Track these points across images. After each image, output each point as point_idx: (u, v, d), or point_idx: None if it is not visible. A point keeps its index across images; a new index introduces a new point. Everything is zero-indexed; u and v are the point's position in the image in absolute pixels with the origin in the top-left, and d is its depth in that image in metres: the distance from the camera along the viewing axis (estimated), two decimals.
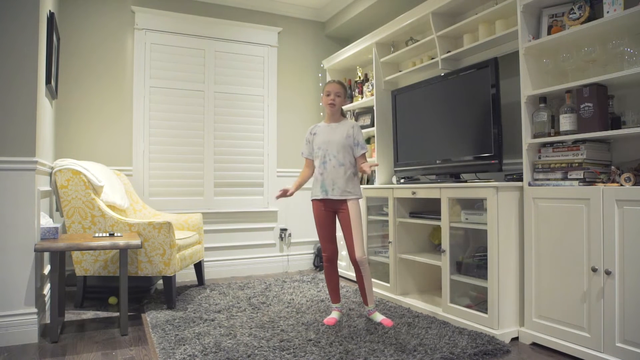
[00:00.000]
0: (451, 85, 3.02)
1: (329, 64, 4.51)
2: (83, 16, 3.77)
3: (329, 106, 2.73)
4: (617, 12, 2.03)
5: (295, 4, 4.52)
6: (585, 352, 2.09)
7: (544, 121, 2.40)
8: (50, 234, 2.52)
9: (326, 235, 2.71)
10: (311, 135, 2.80)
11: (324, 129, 2.76)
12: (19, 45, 2.40)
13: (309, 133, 2.82)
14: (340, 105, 2.75)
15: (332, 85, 2.75)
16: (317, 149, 2.73)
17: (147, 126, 3.97)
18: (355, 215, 2.62)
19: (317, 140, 2.75)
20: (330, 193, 2.65)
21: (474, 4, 3.07)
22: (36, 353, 2.24)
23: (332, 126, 2.75)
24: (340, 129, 2.73)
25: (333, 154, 2.67)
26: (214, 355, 2.15)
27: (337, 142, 2.69)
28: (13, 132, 2.38)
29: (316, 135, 2.77)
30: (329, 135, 2.72)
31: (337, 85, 2.75)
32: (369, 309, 2.69)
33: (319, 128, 2.79)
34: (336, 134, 2.71)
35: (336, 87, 2.74)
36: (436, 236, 3.26)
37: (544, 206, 2.33)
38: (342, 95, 2.76)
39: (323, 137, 2.73)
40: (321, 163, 2.70)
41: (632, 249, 1.94)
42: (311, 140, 2.79)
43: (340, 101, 2.75)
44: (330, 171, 2.66)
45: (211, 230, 4.15)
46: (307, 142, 2.82)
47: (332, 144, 2.69)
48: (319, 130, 2.78)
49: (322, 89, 2.86)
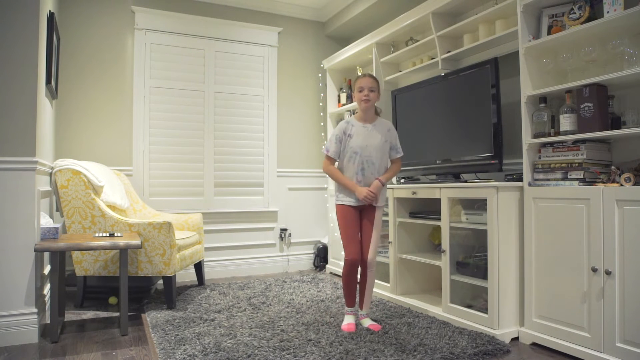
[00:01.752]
0: (451, 85, 3.02)
1: (329, 64, 4.51)
2: (83, 16, 3.77)
3: (364, 102, 2.53)
4: (617, 12, 2.03)
5: (295, 4, 4.52)
6: (585, 352, 2.09)
7: (544, 121, 2.40)
8: (50, 234, 2.52)
9: (354, 237, 2.55)
10: (345, 136, 2.57)
11: (360, 131, 2.56)
12: (19, 45, 2.40)
13: (342, 132, 2.58)
14: (375, 100, 2.57)
15: (365, 79, 2.56)
16: (353, 152, 2.54)
17: (147, 126, 3.97)
18: (379, 220, 2.59)
19: (353, 144, 2.54)
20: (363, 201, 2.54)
21: (474, 4, 3.07)
22: (36, 353, 2.24)
23: (368, 128, 2.56)
24: (377, 131, 2.57)
25: (372, 161, 2.53)
26: (214, 355, 2.15)
27: (377, 148, 2.54)
28: (13, 132, 2.38)
29: (351, 138, 2.55)
30: (367, 139, 2.54)
31: (370, 79, 2.55)
32: (362, 313, 2.64)
33: (354, 128, 2.57)
34: (374, 138, 2.55)
35: (369, 82, 2.54)
36: (436, 236, 3.26)
37: (544, 206, 2.33)
38: (377, 90, 2.56)
39: (360, 141, 2.54)
40: (359, 169, 2.53)
41: (632, 249, 1.94)
42: (344, 141, 2.57)
43: (375, 96, 2.56)
44: (369, 178, 2.54)
45: (211, 230, 4.15)
46: (338, 141, 2.58)
47: (371, 150, 2.53)
48: (354, 131, 2.56)
49: (353, 84, 2.65)
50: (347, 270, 2.56)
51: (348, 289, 2.61)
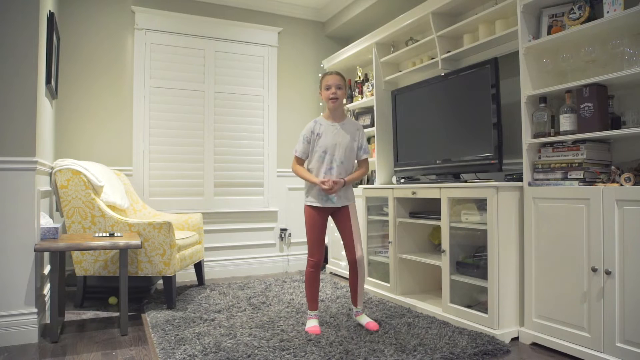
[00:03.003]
0: (451, 85, 3.02)
1: (329, 64, 4.51)
2: (83, 16, 3.77)
3: (331, 101, 2.51)
4: (617, 12, 2.03)
5: (295, 4, 4.52)
6: (585, 352, 2.09)
7: (544, 121, 2.40)
8: (50, 234, 2.52)
9: (320, 239, 2.54)
10: (313, 135, 2.54)
11: (329, 130, 2.53)
12: (19, 45, 2.40)
13: (310, 131, 2.55)
14: (342, 98, 2.54)
15: (331, 77, 2.52)
16: (322, 152, 2.51)
17: (147, 126, 3.97)
18: (355, 217, 2.59)
19: (322, 143, 2.52)
20: (334, 201, 2.52)
21: (474, 4, 3.07)
22: (36, 353, 2.24)
23: (336, 127, 2.55)
24: (345, 130, 2.55)
25: (340, 160, 2.51)
26: (214, 355, 2.15)
27: (345, 147, 2.52)
28: (13, 132, 2.38)
29: (320, 137, 2.53)
30: (336, 138, 2.52)
31: (336, 77, 2.52)
32: (357, 310, 2.64)
33: (323, 127, 2.54)
34: (343, 137, 2.53)
35: (336, 79, 2.51)
36: (436, 236, 3.26)
37: (544, 206, 2.33)
38: (344, 87, 2.53)
39: (329, 140, 2.51)
40: (327, 169, 2.51)
41: (632, 249, 1.94)
42: (312, 140, 2.55)
43: (342, 94, 2.53)
44: (336, 178, 2.50)
45: (211, 230, 4.14)
46: (306, 141, 2.55)
47: (339, 149, 2.51)
48: (322, 130, 2.54)
49: (319, 81, 2.62)
50: (310, 274, 2.55)
51: (312, 293, 2.57)
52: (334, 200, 2.53)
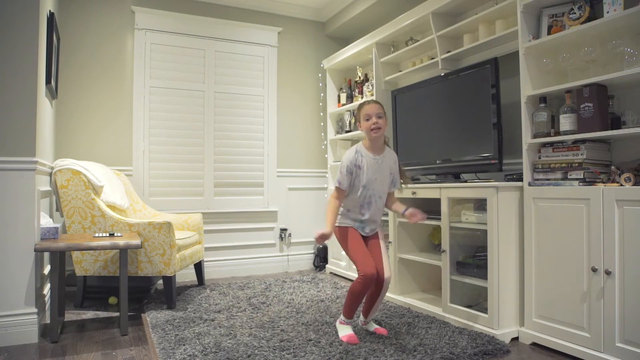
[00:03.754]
0: (451, 85, 3.02)
1: (329, 64, 4.51)
2: (83, 16, 3.77)
3: (373, 132, 2.35)
4: (617, 12, 2.03)
5: (295, 4, 4.52)
6: (585, 352, 2.09)
7: (544, 121, 2.40)
8: (50, 234, 2.52)
9: (367, 251, 2.38)
10: (356, 168, 2.39)
11: (371, 163, 2.39)
12: (19, 45, 2.40)
13: (354, 164, 2.38)
14: (384, 127, 2.38)
15: (371, 106, 2.37)
16: (362, 186, 2.38)
17: (147, 126, 3.97)
18: (382, 234, 2.53)
19: (364, 177, 2.38)
20: (368, 232, 2.47)
21: (474, 4, 3.07)
22: (36, 353, 2.24)
23: (378, 160, 2.41)
24: (385, 163, 2.43)
25: (379, 195, 2.42)
26: (214, 355, 2.15)
27: (385, 182, 2.42)
28: (13, 132, 2.38)
29: (361, 170, 2.38)
30: (377, 173, 2.40)
31: (375, 105, 2.38)
32: (366, 320, 2.54)
33: (365, 160, 2.39)
34: (384, 172, 2.42)
35: (376, 108, 2.37)
36: (436, 236, 3.26)
37: (544, 206, 2.33)
38: (384, 115, 2.39)
39: (371, 175, 2.39)
40: (365, 203, 2.40)
41: (632, 249, 1.94)
42: (354, 173, 2.39)
43: (384, 123, 2.37)
44: (374, 213, 2.43)
45: (211, 230, 4.15)
46: (349, 173, 2.38)
47: (380, 184, 2.41)
48: (365, 163, 2.39)
49: (357, 111, 2.47)
50: (363, 287, 2.31)
51: (356, 303, 2.39)
52: (366, 232, 2.47)
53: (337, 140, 4.47)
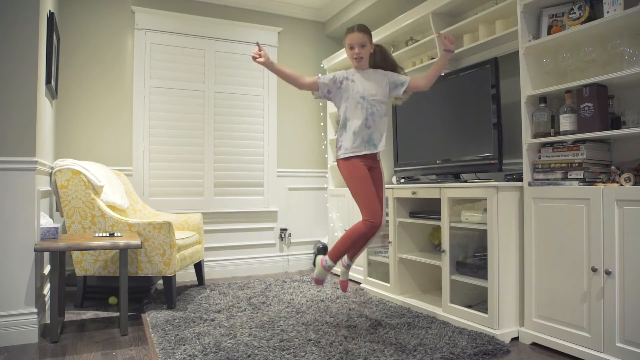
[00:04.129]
0: (451, 85, 3.02)
1: (329, 63, 4.51)
2: (83, 16, 3.77)
3: (356, 60, 2.43)
4: (617, 12, 2.03)
5: (295, 4, 4.52)
6: (585, 352, 2.09)
7: (544, 121, 2.40)
8: (50, 234, 2.52)
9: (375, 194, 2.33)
10: (347, 80, 2.43)
11: (361, 77, 2.44)
12: (19, 45, 2.40)
13: (345, 77, 2.43)
14: (367, 54, 2.43)
15: (354, 35, 2.39)
16: (360, 97, 2.38)
17: (147, 126, 3.97)
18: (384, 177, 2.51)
19: (359, 88, 2.40)
20: (379, 146, 2.43)
21: (474, 4, 3.08)
22: (36, 353, 2.24)
23: (367, 73, 2.45)
24: (375, 75, 2.47)
25: (378, 105, 2.41)
26: (214, 355, 2.15)
27: (380, 91, 2.43)
28: (13, 132, 2.38)
29: (354, 83, 2.41)
30: (370, 83, 2.42)
31: (357, 35, 2.39)
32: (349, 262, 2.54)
33: (356, 76, 2.44)
34: (376, 82, 2.44)
35: (357, 37, 2.39)
36: (436, 236, 3.26)
37: (544, 206, 2.33)
38: (368, 43, 2.41)
39: (364, 85, 2.41)
40: (368, 114, 2.38)
41: (632, 249, 1.94)
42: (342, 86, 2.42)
43: (367, 51, 2.42)
44: (378, 123, 2.41)
45: (211, 230, 4.14)
46: (334, 81, 2.43)
47: (375, 93, 2.41)
48: (356, 78, 2.43)
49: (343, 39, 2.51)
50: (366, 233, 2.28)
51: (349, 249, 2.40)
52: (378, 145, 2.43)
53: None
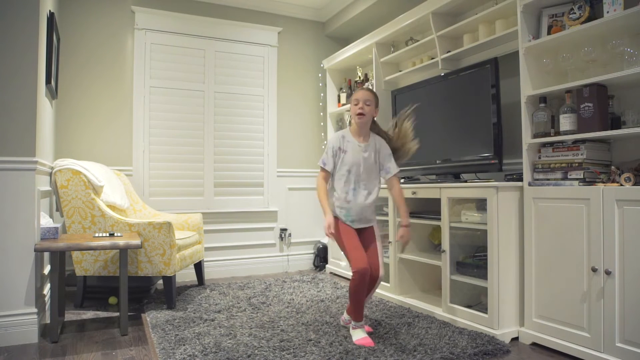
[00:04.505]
0: (451, 85, 3.02)
1: (329, 64, 4.51)
2: (83, 16, 3.77)
3: (357, 117, 2.39)
4: (617, 12, 2.03)
5: (295, 4, 4.52)
6: (585, 352, 2.09)
7: (544, 121, 2.40)
8: (50, 234, 2.52)
9: (359, 245, 2.37)
10: (340, 152, 2.43)
11: (355, 148, 2.42)
12: (19, 45, 2.40)
13: (338, 147, 2.43)
14: (370, 115, 2.42)
15: (361, 92, 2.43)
16: (346, 170, 2.40)
17: (147, 126, 3.97)
18: (379, 237, 2.49)
19: (347, 160, 2.40)
20: (356, 224, 2.44)
21: (474, 4, 3.08)
22: (36, 353, 2.24)
23: (362, 147, 2.43)
24: (371, 149, 2.44)
25: (364, 183, 2.41)
26: (214, 355, 2.15)
27: (370, 168, 2.41)
28: (13, 132, 2.38)
29: (346, 154, 2.41)
30: (361, 159, 2.40)
31: (366, 92, 2.42)
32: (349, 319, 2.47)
33: (349, 144, 2.43)
34: (368, 157, 2.42)
35: (365, 94, 2.41)
36: (436, 236, 3.26)
37: (544, 206, 2.33)
38: (372, 104, 2.42)
39: (355, 158, 2.40)
40: (350, 189, 2.40)
41: (632, 249, 1.94)
42: (338, 156, 2.43)
43: (371, 110, 2.41)
44: (359, 202, 2.41)
45: (211, 230, 4.15)
46: (333, 155, 2.43)
47: (364, 169, 2.40)
48: (349, 147, 2.42)
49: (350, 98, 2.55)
50: (358, 282, 2.28)
51: (359, 303, 2.34)
52: (355, 224, 2.45)
53: None
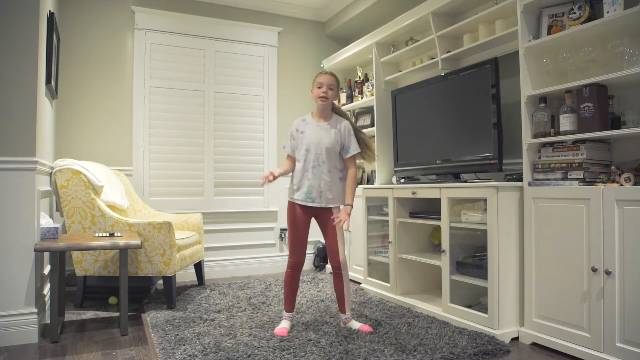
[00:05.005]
0: (451, 85, 3.02)
1: (329, 64, 4.51)
2: (83, 16, 3.77)
3: (320, 99, 2.48)
4: (617, 12, 2.03)
5: (295, 4, 4.52)
6: (585, 352, 2.09)
7: (544, 121, 2.40)
8: (50, 234, 2.52)
9: (301, 241, 2.51)
10: (297, 133, 2.54)
11: (314, 128, 2.51)
12: (19, 45, 2.40)
13: (295, 129, 2.55)
14: (332, 99, 2.51)
15: (325, 76, 2.49)
16: (305, 150, 2.48)
17: (147, 126, 3.97)
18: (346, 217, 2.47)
19: (306, 140, 2.49)
20: (316, 201, 2.47)
21: (474, 4, 3.08)
22: (36, 353, 2.24)
23: (322, 126, 2.51)
24: (330, 129, 2.50)
25: (323, 159, 2.46)
26: (214, 355, 2.15)
27: (329, 146, 2.47)
28: (13, 132, 2.38)
29: (304, 135, 2.51)
30: (320, 137, 2.48)
31: (330, 77, 2.50)
32: (346, 316, 2.56)
33: (308, 126, 2.53)
34: (327, 136, 2.48)
35: (329, 79, 2.49)
36: (436, 236, 3.26)
37: (544, 206, 2.33)
38: (335, 88, 2.51)
39: (312, 138, 2.49)
40: (310, 167, 2.47)
41: (632, 249, 1.94)
42: (297, 138, 2.54)
43: (333, 94, 2.50)
44: (318, 178, 2.46)
45: (211, 230, 4.15)
46: (292, 138, 2.56)
47: (322, 148, 2.46)
48: (307, 128, 2.52)
49: (313, 80, 2.59)
50: (289, 275, 2.52)
51: (289, 294, 2.54)
52: (315, 200, 2.48)
53: None
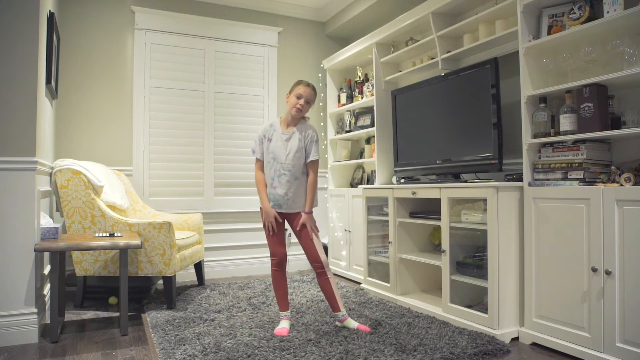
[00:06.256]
0: (451, 85, 3.02)
1: (329, 64, 4.51)
2: (83, 16, 3.77)
3: (295, 110, 2.49)
4: (617, 12, 2.03)
5: (295, 4, 4.52)
6: (585, 352, 2.09)
7: (544, 121, 2.40)
8: (50, 234, 2.52)
9: (277, 239, 2.56)
10: (265, 139, 2.56)
11: (278, 136, 2.53)
12: (19, 45, 2.40)
13: (263, 135, 2.57)
14: (305, 112, 2.54)
15: (307, 89, 2.50)
16: (272, 158, 2.52)
17: (147, 126, 3.97)
18: (310, 223, 2.54)
19: (272, 148, 2.52)
20: (284, 207, 2.54)
21: (474, 4, 3.08)
22: (36, 353, 2.24)
23: (287, 133, 2.53)
24: (296, 136, 2.52)
25: (288, 168, 2.49)
26: (214, 355, 2.15)
27: (295, 155, 2.50)
28: (13, 132, 2.38)
29: (270, 142, 2.54)
30: (284, 146, 2.51)
31: (311, 91, 2.51)
32: (342, 314, 2.54)
33: (275, 133, 2.55)
34: (293, 143, 2.51)
35: (309, 93, 2.50)
36: (436, 236, 3.26)
37: (544, 206, 2.33)
38: (312, 102, 2.54)
39: (277, 146, 2.51)
40: (275, 175, 2.51)
41: (632, 249, 1.94)
42: (264, 144, 2.56)
43: (308, 108, 2.53)
44: (285, 186, 2.50)
45: (211, 230, 4.15)
46: (260, 143, 2.58)
47: (288, 156, 2.49)
48: (274, 136, 2.54)
49: (291, 87, 2.57)
50: (274, 273, 2.58)
51: (278, 293, 2.58)
52: (282, 206, 2.55)
53: (337, 140, 4.47)
